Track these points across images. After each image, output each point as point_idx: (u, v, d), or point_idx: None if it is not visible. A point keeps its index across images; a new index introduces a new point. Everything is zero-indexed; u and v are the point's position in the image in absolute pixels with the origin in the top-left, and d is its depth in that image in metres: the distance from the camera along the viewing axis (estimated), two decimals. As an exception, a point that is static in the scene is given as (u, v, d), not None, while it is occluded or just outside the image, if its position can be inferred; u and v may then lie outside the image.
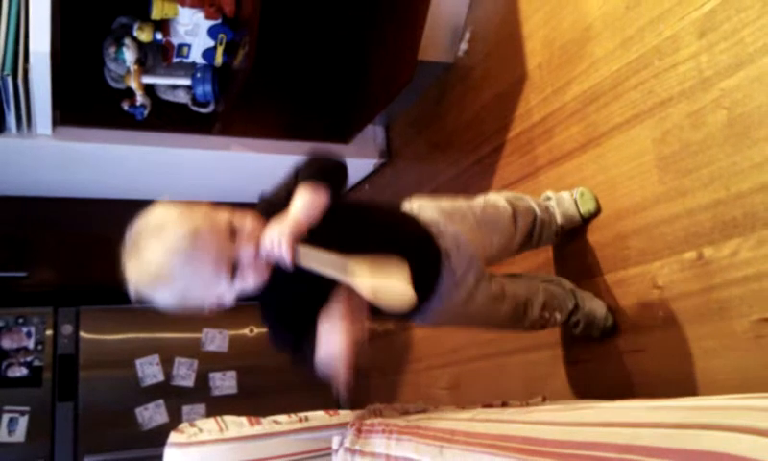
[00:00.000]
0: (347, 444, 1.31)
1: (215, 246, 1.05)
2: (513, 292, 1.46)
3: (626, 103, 1.58)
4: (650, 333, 1.52)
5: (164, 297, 1.07)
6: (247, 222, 1.11)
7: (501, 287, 1.45)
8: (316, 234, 1.09)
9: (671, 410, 0.70)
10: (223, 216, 1.10)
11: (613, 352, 1.61)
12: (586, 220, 1.69)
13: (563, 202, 1.69)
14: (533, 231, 1.60)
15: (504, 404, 1.48)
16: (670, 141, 1.46)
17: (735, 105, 1.31)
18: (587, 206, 1.67)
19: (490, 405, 1.48)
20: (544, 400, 1.55)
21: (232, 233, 1.08)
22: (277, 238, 1.06)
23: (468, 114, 2.26)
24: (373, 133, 2.79)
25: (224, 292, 1.10)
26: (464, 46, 2.27)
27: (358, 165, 2.83)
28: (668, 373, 1.47)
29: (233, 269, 1.08)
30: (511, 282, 1.50)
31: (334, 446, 1.35)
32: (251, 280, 1.11)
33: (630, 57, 1.57)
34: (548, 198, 1.72)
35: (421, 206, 1.40)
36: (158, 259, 1.03)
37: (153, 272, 1.04)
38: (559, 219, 1.66)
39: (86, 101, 2.29)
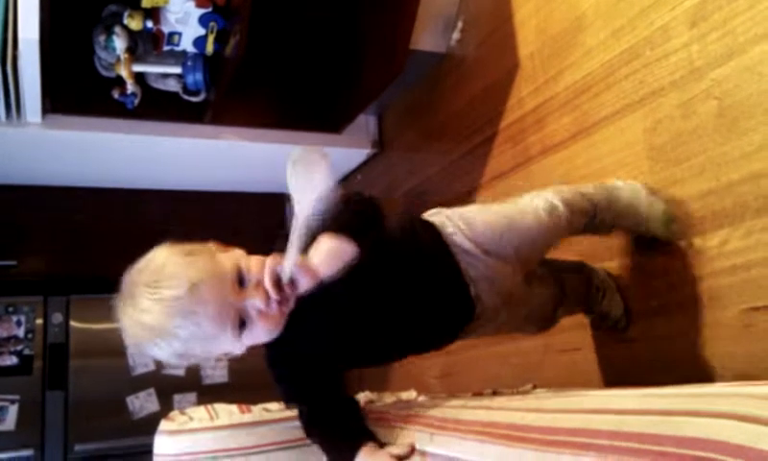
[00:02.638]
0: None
1: (218, 301, 0.95)
2: (539, 304, 1.42)
3: (617, 93, 1.58)
4: (640, 323, 1.52)
5: (162, 353, 0.98)
6: (256, 266, 0.99)
7: (529, 305, 1.38)
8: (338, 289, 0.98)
9: (658, 397, 0.71)
10: (229, 263, 0.99)
11: (604, 342, 1.62)
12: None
13: (654, 212, 1.44)
14: (582, 230, 1.40)
15: (495, 393, 1.49)
16: (661, 131, 1.46)
17: (726, 95, 1.32)
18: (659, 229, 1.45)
19: (480, 393, 1.49)
20: (535, 387, 1.56)
21: (240, 281, 0.98)
22: (278, 268, 0.96)
23: (460, 104, 2.25)
24: (366, 123, 2.79)
25: (231, 346, 1.01)
26: (456, 35, 2.26)
27: (350, 155, 2.83)
28: (658, 361, 1.48)
29: (242, 322, 0.98)
30: (538, 295, 1.41)
31: (325, 434, 1.35)
32: (261, 332, 1.01)
33: (621, 47, 1.57)
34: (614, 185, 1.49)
35: (457, 228, 1.21)
36: (154, 317, 0.94)
37: (148, 328, 0.95)
38: (642, 225, 1.44)
39: (77, 89, 2.27)
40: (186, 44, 2.14)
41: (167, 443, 1.40)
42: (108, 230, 2.81)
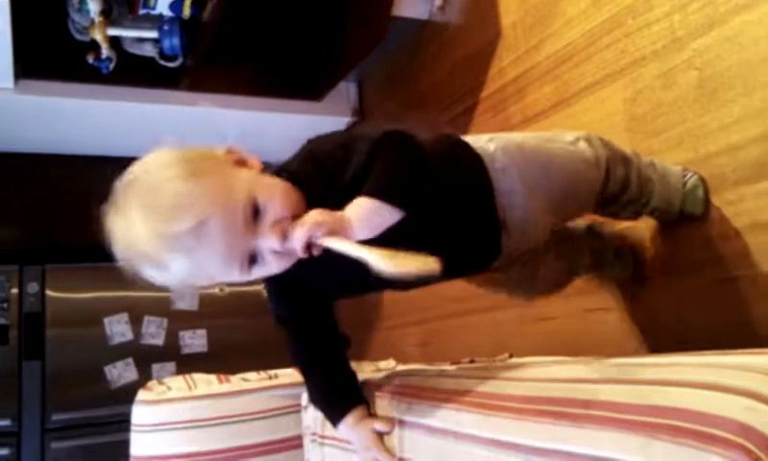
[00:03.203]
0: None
1: (226, 240, 0.82)
2: (555, 271, 1.30)
3: (598, 62, 1.57)
4: (615, 293, 1.54)
5: (155, 278, 0.86)
6: (277, 201, 0.86)
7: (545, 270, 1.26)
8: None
9: (631, 367, 0.72)
10: (243, 190, 0.84)
11: (579, 311, 1.63)
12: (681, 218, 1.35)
13: (667, 182, 1.29)
14: (624, 192, 1.21)
15: (472, 361, 1.50)
16: (641, 102, 1.46)
17: (706, 65, 1.31)
18: (692, 207, 1.32)
19: (458, 362, 1.50)
20: (511, 356, 1.57)
21: (255, 213, 0.85)
22: (317, 233, 0.81)
23: (441, 72, 2.23)
24: (346, 91, 2.76)
25: (237, 278, 0.88)
26: (438, 2, 2.23)
27: (330, 123, 2.80)
28: (632, 331, 1.49)
29: (252, 257, 0.86)
30: (558, 258, 1.28)
31: (303, 402, 1.36)
32: (274, 269, 0.89)
33: (603, 16, 1.55)
34: (651, 164, 1.29)
35: (511, 164, 1.04)
36: (148, 246, 0.81)
37: (141, 253, 0.83)
38: (654, 200, 1.27)
39: (50, 53, 2.22)
40: (162, 8, 2.09)
41: (145, 412, 1.40)
42: (84, 199, 2.71)
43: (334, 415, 1.07)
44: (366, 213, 0.83)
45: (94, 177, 1.05)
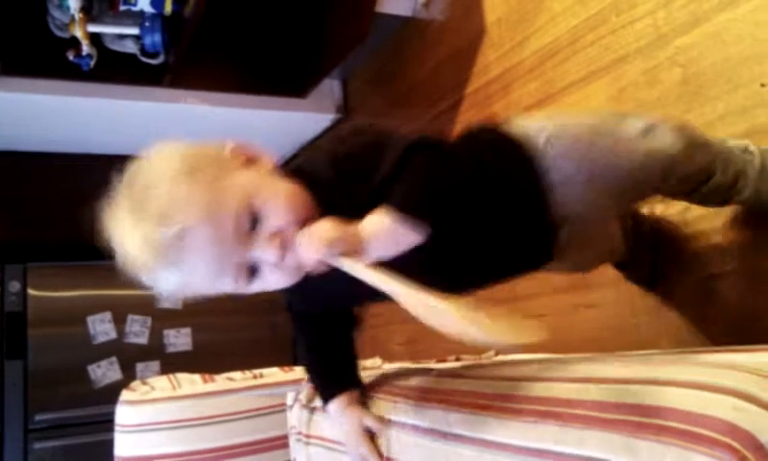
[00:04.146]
0: (303, 400, 1.30)
1: (214, 252, 0.75)
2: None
3: (583, 59, 1.58)
4: (602, 289, 1.54)
5: (150, 284, 0.81)
6: (279, 207, 0.77)
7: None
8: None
9: (618, 365, 0.71)
10: (238, 194, 0.76)
11: (567, 307, 1.64)
12: None
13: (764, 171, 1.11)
14: (707, 181, 1.05)
15: (458, 359, 1.50)
16: (625, 99, 1.46)
17: (690, 62, 1.32)
18: None
19: (444, 360, 1.50)
20: (497, 354, 1.57)
21: (253, 219, 0.77)
22: (326, 251, 0.72)
23: (426, 69, 2.23)
24: (330, 88, 2.75)
25: (234, 291, 0.82)
26: (422, -1, 2.23)
27: (315, 120, 2.78)
28: (619, 328, 1.50)
29: (251, 270, 0.79)
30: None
31: (288, 402, 1.35)
32: (272, 284, 0.82)
33: (588, 12, 1.56)
34: (746, 150, 1.12)
35: (564, 152, 0.92)
36: (136, 251, 0.76)
37: (131, 258, 0.78)
38: (747, 190, 1.10)
39: (29, 50, 2.19)
40: (144, 4, 2.06)
41: (129, 413, 1.39)
42: (65, 197, 2.72)
43: (326, 391, 1.02)
44: (385, 230, 0.73)
45: (76, 174, 1.03)
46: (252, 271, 0.79)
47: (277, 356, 1.91)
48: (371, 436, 0.98)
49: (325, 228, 0.73)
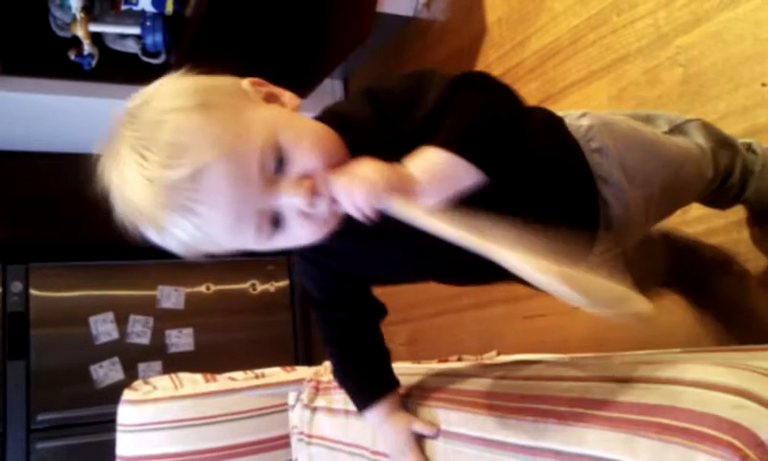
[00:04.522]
0: (304, 400, 1.31)
1: (235, 197, 0.64)
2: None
3: (584, 59, 1.58)
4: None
5: (156, 240, 0.69)
6: (307, 147, 0.66)
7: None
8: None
9: (618, 364, 0.71)
10: (262, 132, 0.65)
11: (567, 307, 1.63)
12: None
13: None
14: (724, 182, 1.02)
15: (459, 359, 1.50)
16: (626, 98, 1.46)
17: (691, 62, 1.32)
18: None
19: (445, 360, 1.50)
20: (498, 354, 1.57)
21: (278, 159, 0.65)
22: (368, 198, 0.62)
23: (427, 69, 2.23)
24: (331, 88, 2.75)
25: (254, 245, 0.70)
26: (423, -1, 2.23)
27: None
28: (620, 328, 1.50)
29: (275, 219, 0.67)
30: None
31: (290, 402, 1.35)
32: (299, 237, 0.70)
33: (589, 12, 1.56)
34: (750, 148, 1.09)
35: (607, 151, 0.83)
36: (141, 199, 0.65)
37: (135, 209, 0.67)
38: (749, 190, 1.08)
39: (31, 50, 2.20)
40: (145, 3, 2.07)
41: (131, 412, 1.39)
42: (67, 197, 2.72)
43: (362, 396, 0.92)
44: (437, 169, 0.63)
45: (77, 174, 1.01)
46: (276, 221, 0.68)
47: (279, 356, 1.92)
48: (419, 443, 0.87)
49: (370, 167, 0.63)
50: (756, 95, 1.20)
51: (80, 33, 2.07)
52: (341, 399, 1.18)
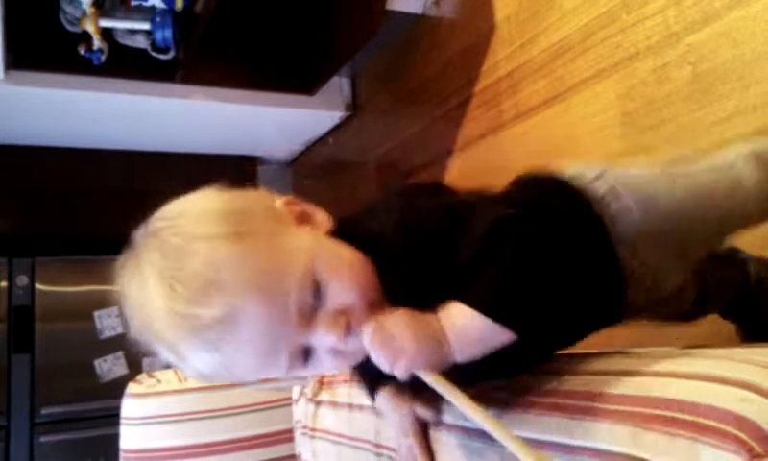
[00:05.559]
0: (308, 394, 1.30)
1: (268, 336, 0.61)
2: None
3: (593, 57, 1.57)
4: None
5: (171, 363, 0.66)
6: (343, 281, 0.63)
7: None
8: None
9: (624, 358, 0.71)
10: (300, 265, 0.61)
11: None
12: None
13: None
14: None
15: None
16: (635, 97, 1.46)
17: (701, 60, 1.31)
18: None
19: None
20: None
21: (315, 293, 0.62)
22: (400, 369, 0.60)
23: (435, 67, 2.23)
24: (339, 85, 2.75)
25: (282, 375, 0.67)
26: (432, -3, 2.23)
27: (323, 117, 2.79)
28: (620, 327, 1.49)
29: (305, 352, 0.64)
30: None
31: (294, 396, 1.35)
32: (327, 370, 0.71)
33: (598, 10, 1.55)
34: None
35: (613, 189, 0.78)
36: (164, 329, 0.61)
37: (155, 334, 0.63)
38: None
39: (41, 44, 2.21)
40: (155, -1, 2.08)
41: (134, 406, 1.39)
42: (74, 191, 2.75)
43: (371, 383, 0.90)
44: (470, 333, 0.61)
45: (85, 169, 1.02)
46: (306, 354, 0.64)
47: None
48: (423, 429, 0.85)
49: (406, 332, 0.60)
50: (766, 94, 1.20)
51: (90, 28, 2.08)
52: (345, 393, 1.18)
